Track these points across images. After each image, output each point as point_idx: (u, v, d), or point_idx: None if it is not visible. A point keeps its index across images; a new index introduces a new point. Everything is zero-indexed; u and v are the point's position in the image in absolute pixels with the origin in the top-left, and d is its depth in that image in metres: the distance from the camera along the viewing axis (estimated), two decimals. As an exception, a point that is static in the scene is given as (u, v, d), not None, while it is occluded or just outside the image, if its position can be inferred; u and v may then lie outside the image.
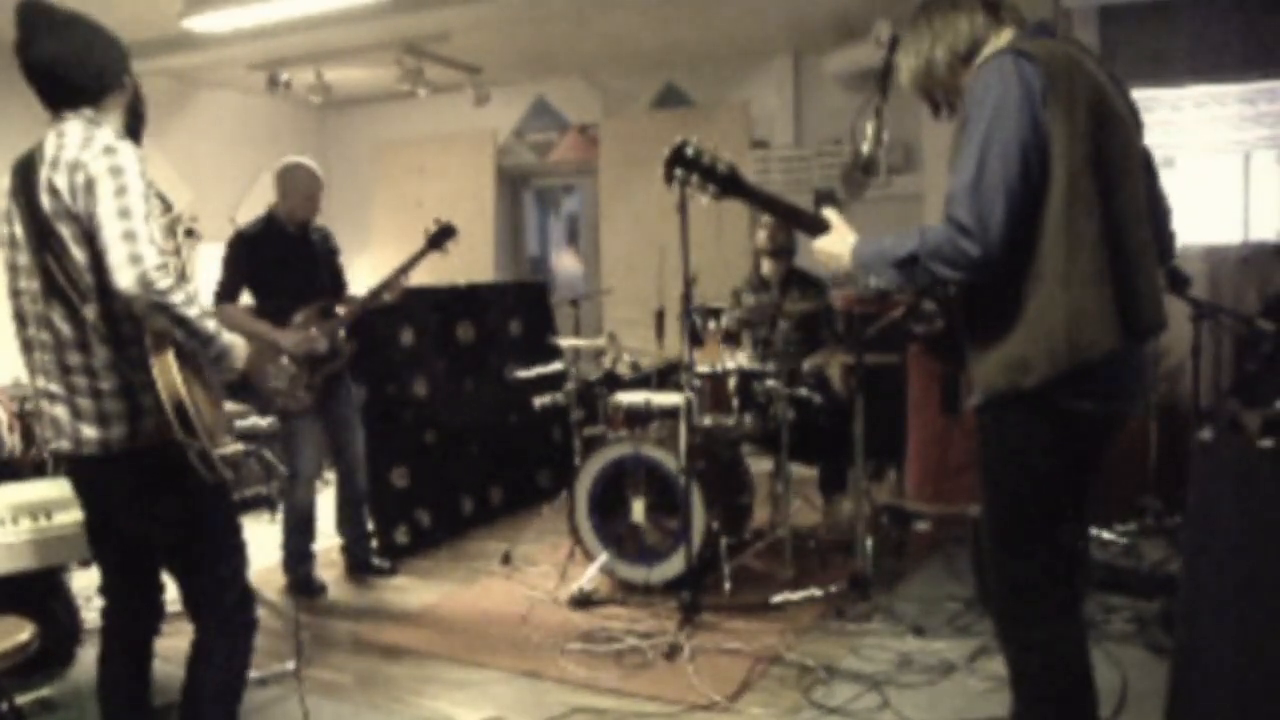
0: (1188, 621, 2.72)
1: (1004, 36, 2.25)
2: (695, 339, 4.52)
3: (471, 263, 7.95)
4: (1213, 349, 5.21)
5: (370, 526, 4.99)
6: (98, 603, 4.23)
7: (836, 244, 2.35)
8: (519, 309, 6.35)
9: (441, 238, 4.73)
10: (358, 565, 4.88)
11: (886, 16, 5.93)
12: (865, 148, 2.96)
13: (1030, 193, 2.04)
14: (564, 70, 8.24)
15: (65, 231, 2.33)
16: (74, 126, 2.40)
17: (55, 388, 2.44)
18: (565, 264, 9.49)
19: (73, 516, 3.46)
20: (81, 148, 2.33)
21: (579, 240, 9.29)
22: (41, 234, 2.35)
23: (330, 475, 4.97)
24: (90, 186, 2.27)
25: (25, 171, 2.38)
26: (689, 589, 4.05)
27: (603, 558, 4.43)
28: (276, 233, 4.52)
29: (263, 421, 6.05)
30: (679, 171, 2.44)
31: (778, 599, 4.17)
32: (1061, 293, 2.05)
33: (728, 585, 4.22)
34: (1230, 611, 2.59)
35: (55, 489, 3.74)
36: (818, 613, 4.08)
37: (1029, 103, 2.03)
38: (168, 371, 2.30)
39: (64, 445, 2.45)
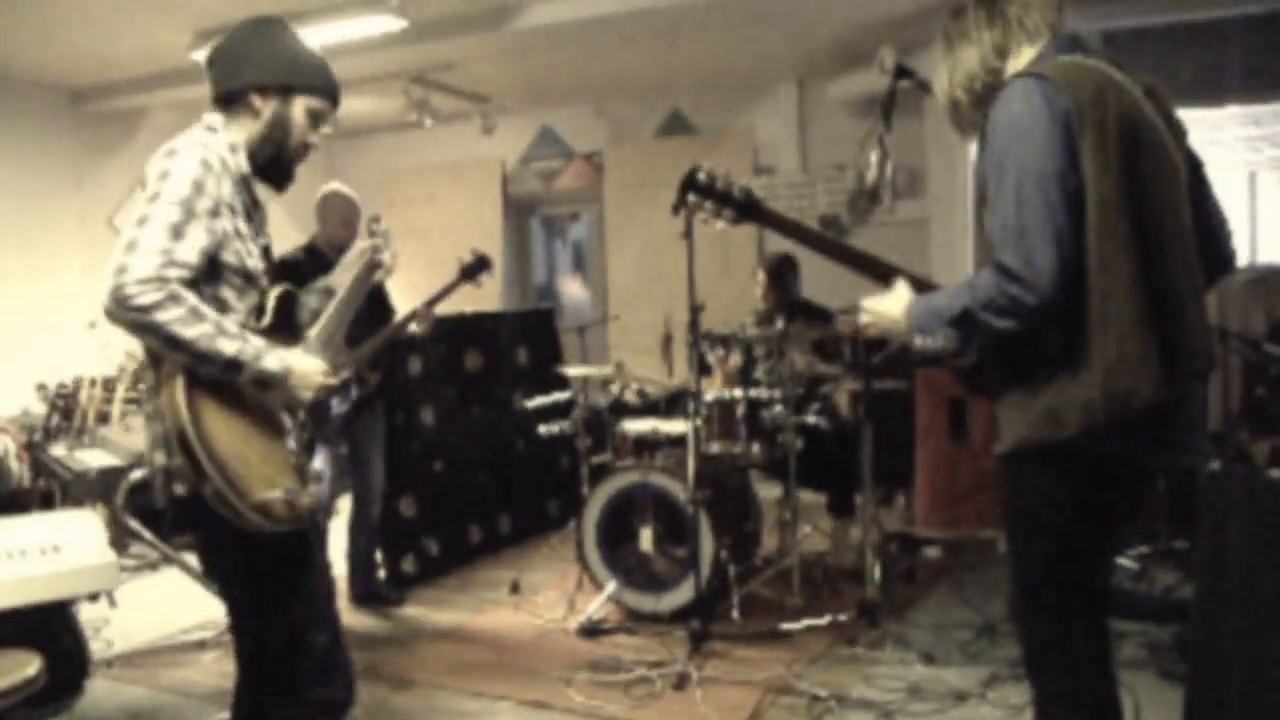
0: (1201, 651, 2.71)
1: (1024, 56, 2.09)
2: (703, 366, 4.52)
3: (478, 291, 7.95)
4: (1221, 372, 5.18)
5: (378, 556, 4.98)
6: (106, 634, 4.28)
7: (893, 306, 2.14)
8: (526, 337, 6.35)
9: (476, 269, 4.71)
10: (364, 595, 4.87)
11: (890, 43, 5.96)
12: (870, 175, 2.94)
13: (1074, 226, 1.88)
14: (570, 99, 8.30)
15: None
16: (190, 131, 2.28)
17: (148, 406, 2.26)
18: (572, 291, 9.52)
19: (81, 549, 3.46)
20: (162, 150, 2.19)
21: (585, 267, 9.32)
22: None
23: (338, 504, 4.96)
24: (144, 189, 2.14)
25: None
26: (698, 617, 4.03)
27: (611, 586, 4.41)
28: (316, 260, 4.53)
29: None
30: (691, 198, 2.29)
31: (787, 627, 4.15)
32: (1097, 338, 1.89)
33: (736, 613, 4.21)
34: (1244, 641, 2.57)
35: (64, 521, 3.74)
36: (827, 641, 4.06)
37: (1058, 129, 1.89)
38: (173, 399, 2.09)
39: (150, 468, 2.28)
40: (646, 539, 4.35)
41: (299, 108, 2.36)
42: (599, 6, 5.55)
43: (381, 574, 5.00)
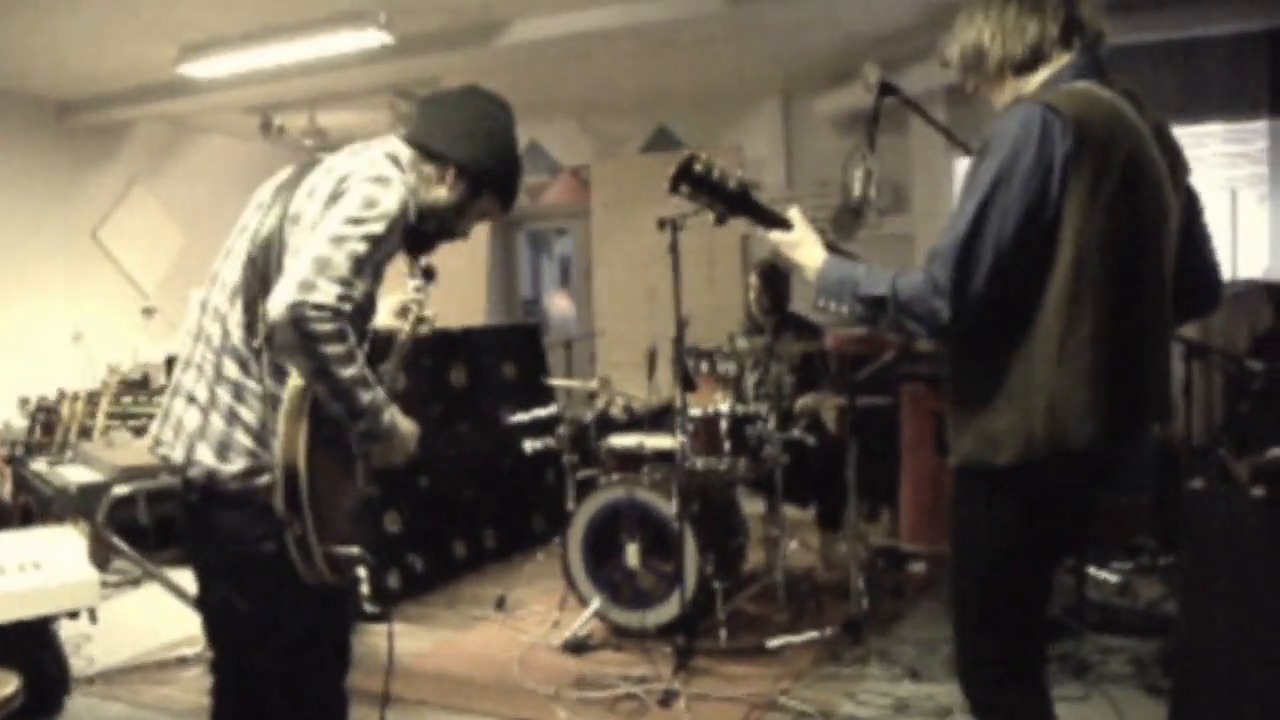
0: (1185, 666, 2.71)
1: (1057, 61, 2.07)
2: (688, 381, 4.51)
3: (464, 305, 7.96)
4: (1204, 388, 5.22)
5: (361, 571, 4.95)
6: (86, 651, 4.24)
7: (804, 253, 2.19)
8: (512, 352, 6.34)
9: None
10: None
11: (874, 60, 6.00)
12: (855, 191, 2.96)
13: (1025, 264, 1.90)
14: (556, 114, 8.31)
15: (291, 238, 2.07)
16: (373, 145, 2.22)
17: (199, 390, 2.13)
18: (558, 306, 9.52)
19: (61, 566, 3.43)
20: (362, 162, 2.11)
21: (571, 282, 9.33)
22: (279, 228, 2.11)
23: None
24: (336, 200, 2.03)
25: (305, 169, 2.19)
26: (684, 633, 4.02)
27: (596, 602, 4.40)
28: None
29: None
30: (685, 188, 2.24)
31: (773, 643, 4.14)
32: (1050, 375, 1.91)
33: (723, 629, 4.20)
34: (1227, 657, 2.58)
35: (44, 537, 3.71)
36: (813, 657, 4.05)
37: (1044, 167, 1.87)
38: (295, 437, 1.97)
39: (175, 455, 2.14)
40: (632, 554, 4.33)
41: (481, 202, 2.34)
42: (585, 22, 5.57)
43: (365, 590, 4.97)
